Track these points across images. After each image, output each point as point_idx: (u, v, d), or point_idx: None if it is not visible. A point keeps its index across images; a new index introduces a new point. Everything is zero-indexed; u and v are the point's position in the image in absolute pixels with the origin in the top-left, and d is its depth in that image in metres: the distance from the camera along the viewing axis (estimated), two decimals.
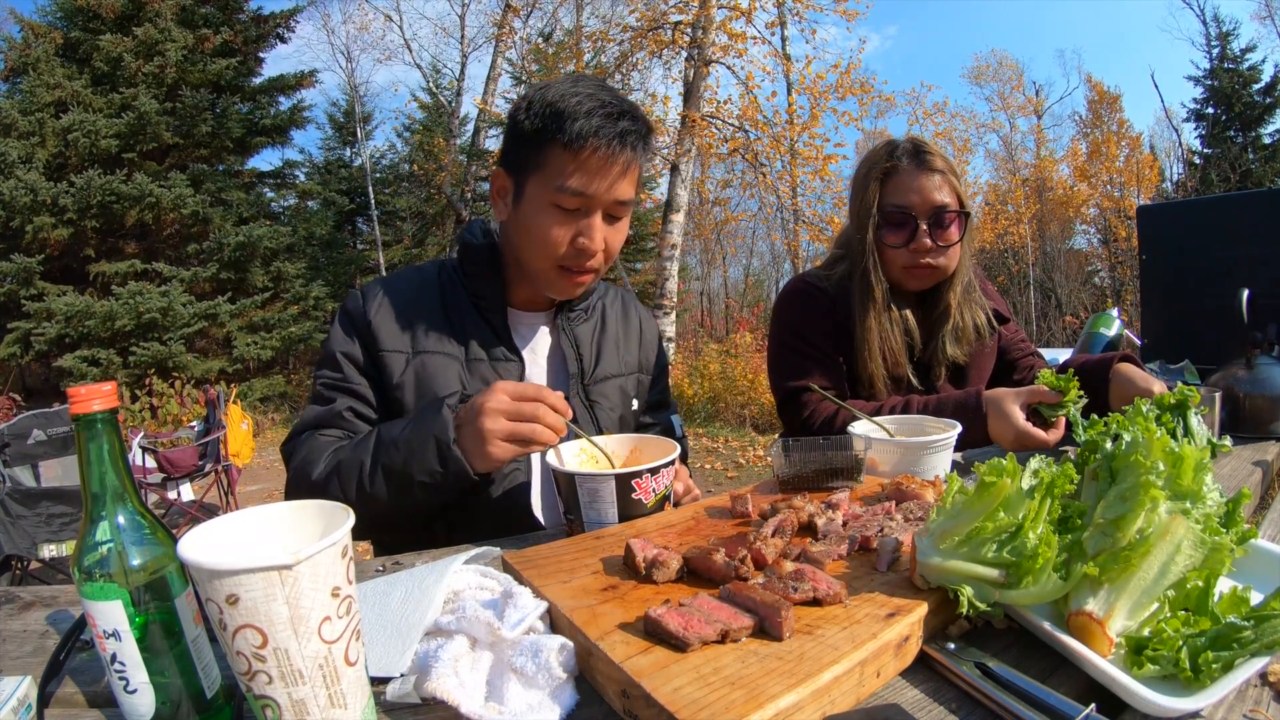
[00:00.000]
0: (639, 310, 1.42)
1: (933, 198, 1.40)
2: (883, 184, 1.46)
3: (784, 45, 10.63)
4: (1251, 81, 15.48)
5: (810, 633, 0.59)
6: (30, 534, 3.03)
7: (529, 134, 1.07)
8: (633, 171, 1.09)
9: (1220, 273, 1.87)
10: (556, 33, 13.19)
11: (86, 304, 9.63)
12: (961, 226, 1.44)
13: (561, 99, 1.05)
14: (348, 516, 0.54)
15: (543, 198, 1.08)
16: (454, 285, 1.22)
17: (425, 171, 14.10)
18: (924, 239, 1.41)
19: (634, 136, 1.06)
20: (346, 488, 1.01)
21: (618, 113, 1.05)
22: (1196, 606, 0.59)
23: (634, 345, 1.37)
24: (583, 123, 1.02)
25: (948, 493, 0.67)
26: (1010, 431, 1.21)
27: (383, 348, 1.14)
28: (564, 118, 1.03)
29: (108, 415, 0.57)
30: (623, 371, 1.31)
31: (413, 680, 0.59)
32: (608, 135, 1.03)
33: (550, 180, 1.06)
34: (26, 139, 9.92)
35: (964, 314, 1.51)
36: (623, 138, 1.04)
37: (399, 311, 1.17)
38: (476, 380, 1.16)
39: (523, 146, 1.09)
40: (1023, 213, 16.52)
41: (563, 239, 1.09)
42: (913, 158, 1.44)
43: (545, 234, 1.09)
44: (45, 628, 0.78)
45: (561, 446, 1.03)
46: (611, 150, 1.04)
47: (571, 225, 1.08)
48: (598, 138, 1.03)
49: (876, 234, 1.46)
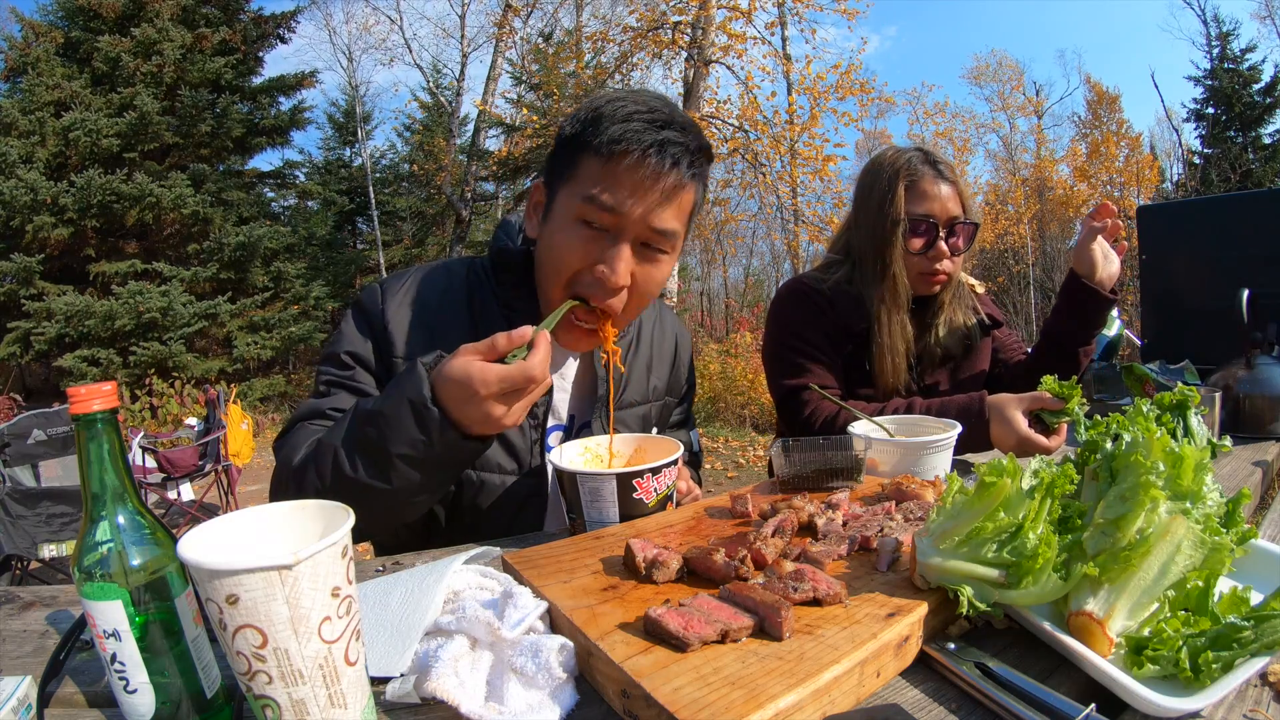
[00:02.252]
0: (676, 327, 1.32)
1: (951, 207, 1.46)
2: (907, 192, 1.48)
3: (784, 45, 10.64)
4: (1251, 81, 15.48)
5: (810, 633, 0.59)
6: (30, 534, 3.03)
7: (566, 139, 0.97)
8: (679, 198, 0.95)
9: (1220, 273, 1.88)
10: (556, 33, 13.19)
11: (86, 304, 9.63)
12: (970, 237, 1.50)
13: (606, 103, 0.94)
14: (348, 516, 0.54)
15: (569, 211, 0.96)
16: (483, 289, 1.11)
17: (425, 171, 14.11)
18: (943, 246, 1.46)
19: (678, 150, 0.92)
20: (323, 473, 0.89)
21: (664, 121, 0.92)
22: (1196, 606, 0.59)
23: (665, 368, 1.27)
24: (618, 127, 0.91)
25: (948, 493, 0.67)
26: (1012, 437, 1.21)
27: (397, 353, 1.04)
28: (601, 120, 0.92)
29: (108, 415, 0.57)
30: (649, 399, 1.23)
31: (413, 680, 0.59)
32: (643, 143, 0.90)
33: (578, 190, 0.94)
34: (27, 138, 9.92)
35: (955, 312, 1.57)
36: (662, 149, 0.91)
37: (419, 313, 1.06)
38: None
39: (559, 153, 0.99)
40: (1023, 213, 16.53)
41: (581, 262, 0.95)
42: (930, 167, 1.48)
43: (563, 253, 0.96)
44: (45, 628, 0.78)
45: (565, 445, 1.03)
46: (649, 162, 0.90)
47: (595, 248, 0.95)
48: (635, 144, 0.90)
49: (905, 241, 1.48)
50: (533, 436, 1.09)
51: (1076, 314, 1.43)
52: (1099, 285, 1.39)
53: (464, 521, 1.09)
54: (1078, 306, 1.42)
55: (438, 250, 14.70)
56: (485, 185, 13.94)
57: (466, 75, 14.26)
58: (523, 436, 1.08)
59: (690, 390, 1.36)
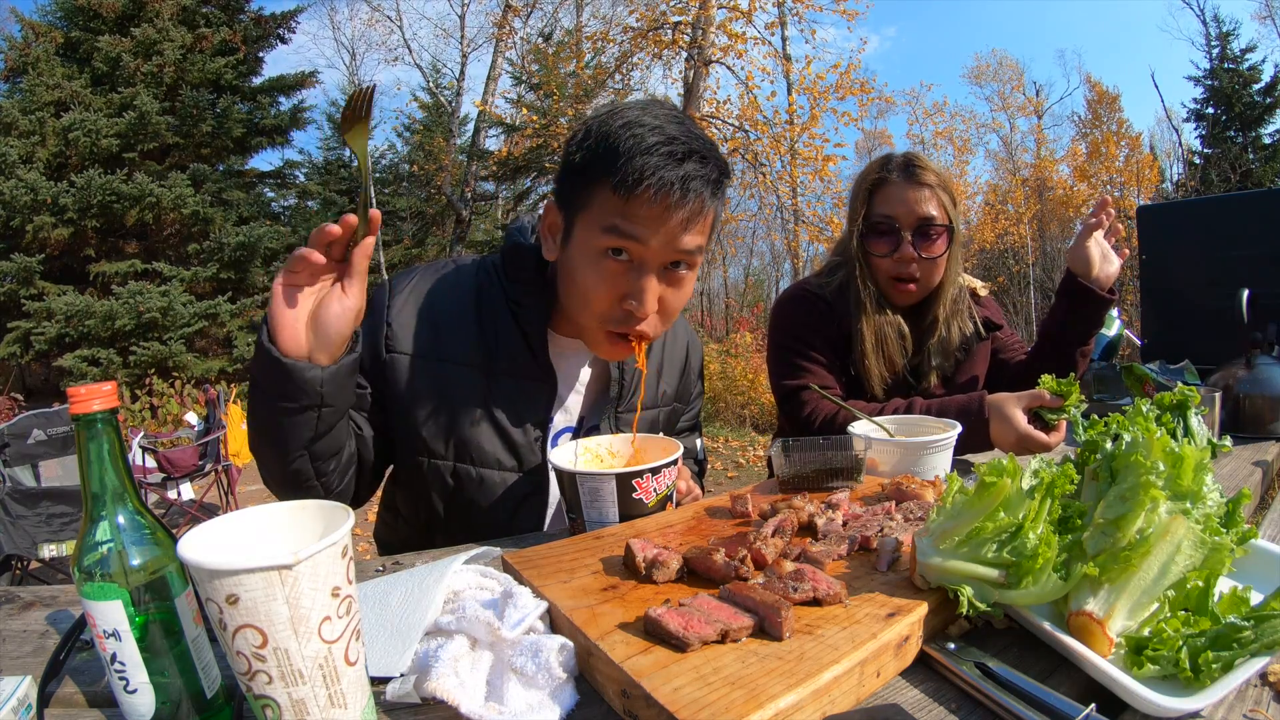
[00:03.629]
0: (689, 335, 1.32)
1: (918, 209, 1.44)
2: (871, 195, 1.50)
3: (784, 45, 10.64)
4: (1251, 81, 15.48)
5: (810, 633, 0.59)
6: (30, 534, 3.03)
7: (579, 167, 0.93)
8: (701, 220, 0.93)
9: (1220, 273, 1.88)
10: (556, 33, 13.19)
11: (86, 304, 9.62)
12: (947, 241, 1.47)
13: (618, 132, 0.89)
14: (348, 516, 0.54)
15: (591, 243, 0.94)
16: (492, 287, 1.09)
17: (425, 171, 14.10)
18: (907, 249, 1.44)
19: (700, 182, 0.89)
20: (261, 449, 0.89)
21: (684, 153, 0.88)
22: (1196, 606, 0.59)
23: (675, 374, 1.27)
24: (639, 161, 0.87)
25: (948, 493, 0.67)
26: (1012, 435, 1.21)
27: (400, 348, 1.04)
28: (617, 155, 0.88)
29: (108, 415, 0.57)
30: (658, 404, 1.24)
31: (413, 680, 0.59)
32: (667, 183, 0.87)
33: (598, 219, 0.92)
34: (27, 138, 9.92)
35: (951, 327, 1.54)
36: (685, 185, 0.88)
37: (425, 310, 1.06)
38: (500, 399, 1.06)
39: (573, 180, 0.95)
40: (1023, 213, 16.53)
41: (609, 297, 0.95)
42: (903, 171, 1.47)
43: (590, 289, 0.95)
44: (45, 628, 0.78)
45: (564, 445, 1.03)
46: (671, 198, 0.87)
47: (622, 282, 0.94)
48: (655, 182, 0.87)
49: (862, 243, 1.49)
50: (535, 435, 1.09)
51: (1073, 313, 1.43)
52: (1095, 284, 1.39)
53: (463, 518, 1.09)
54: (1074, 305, 1.42)
55: (438, 250, 14.70)
56: (485, 185, 13.93)
57: (466, 75, 14.27)
58: (524, 434, 1.08)
59: (699, 398, 1.37)
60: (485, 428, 1.06)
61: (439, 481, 1.07)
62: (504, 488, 1.08)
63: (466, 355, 1.06)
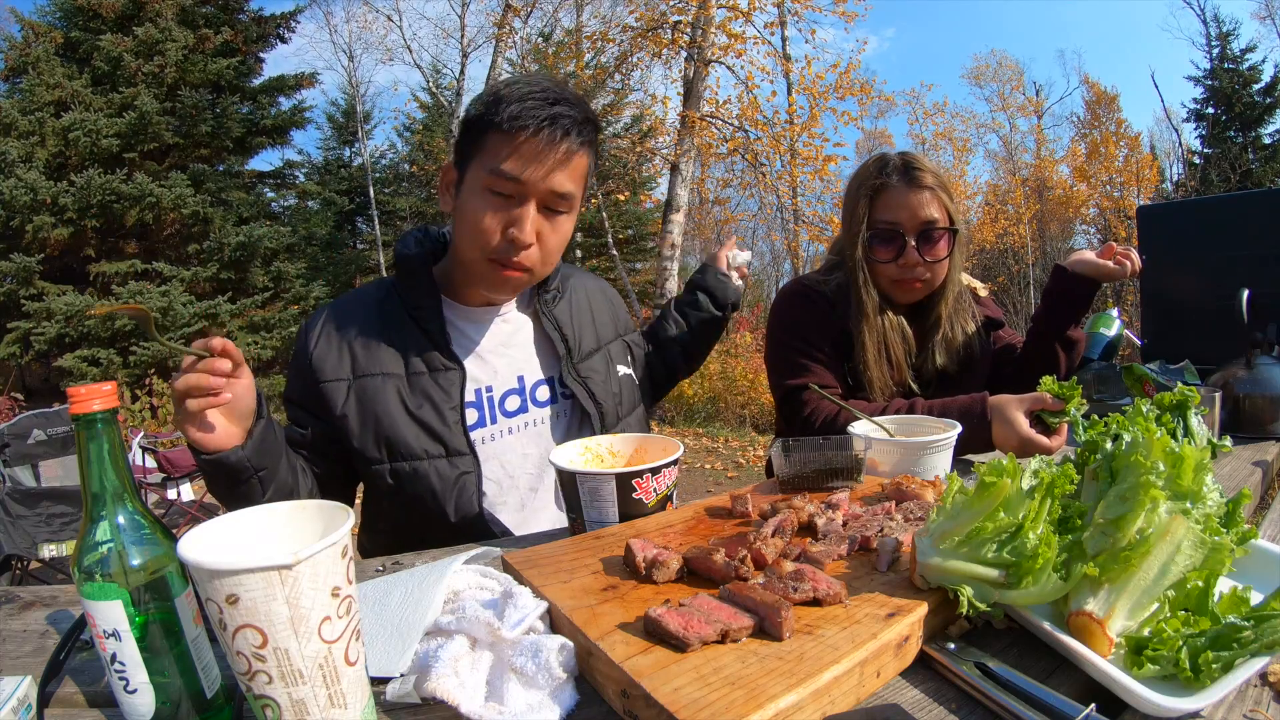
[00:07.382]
0: (595, 280, 1.45)
1: (921, 214, 1.43)
2: (872, 200, 1.48)
3: (784, 45, 10.65)
4: (1251, 81, 15.49)
5: (810, 633, 0.59)
6: (30, 534, 3.02)
7: (472, 121, 1.09)
8: (574, 163, 1.08)
9: (1220, 273, 1.87)
10: (556, 33, 13.19)
11: (87, 303, 9.62)
12: (950, 242, 1.46)
13: (504, 86, 1.07)
14: (348, 516, 0.54)
15: (478, 183, 1.08)
16: (392, 300, 1.21)
17: (425, 171, 14.11)
18: (912, 254, 1.43)
19: (569, 122, 1.05)
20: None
21: (554, 99, 1.06)
22: (1196, 606, 0.59)
23: (605, 313, 1.38)
24: (516, 105, 1.03)
25: (948, 493, 0.67)
26: (1015, 438, 1.21)
27: (323, 378, 1.14)
28: (500, 101, 1.05)
29: (108, 415, 0.57)
30: (602, 342, 1.33)
31: (413, 680, 0.59)
32: (539, 117, 1.03)
33: (486, 164, 1.06)
34: (26, 138, 9.91)
35: (954, 325, 1.54)
36: (554, 121, 1.04)
37: (338, 339, 1.17)
38: (418, 395, 1.14)
39: (466, 134, 1.11)
40: (1023, 213, 16.54)
41: (495, 228, 1.08)
42: (902, 174, 1.46)
43: (478, 221, 1.08)
44: (45, 628, 0.78)
45: (564, 445, 1.03)
46: (542, 134, 1.03)
47: (505, 214, 1.08)
48: (530, 119, 1.03)
49: (866, 250, 1.48)
50: (453, 418, 1.15)
51: (1058, 298, 1.46)
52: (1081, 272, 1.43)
53: (417, 513, 1.14)
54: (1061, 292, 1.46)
55: None
56: None
57: (466, 75, 14.28)
58: (439, 418, 1.14)
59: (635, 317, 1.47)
60: (409, 424, 1.14)
61: (383, 486, 1.14)
62: (436, 474, 1.13)
63: (384, 365, 1.15)
